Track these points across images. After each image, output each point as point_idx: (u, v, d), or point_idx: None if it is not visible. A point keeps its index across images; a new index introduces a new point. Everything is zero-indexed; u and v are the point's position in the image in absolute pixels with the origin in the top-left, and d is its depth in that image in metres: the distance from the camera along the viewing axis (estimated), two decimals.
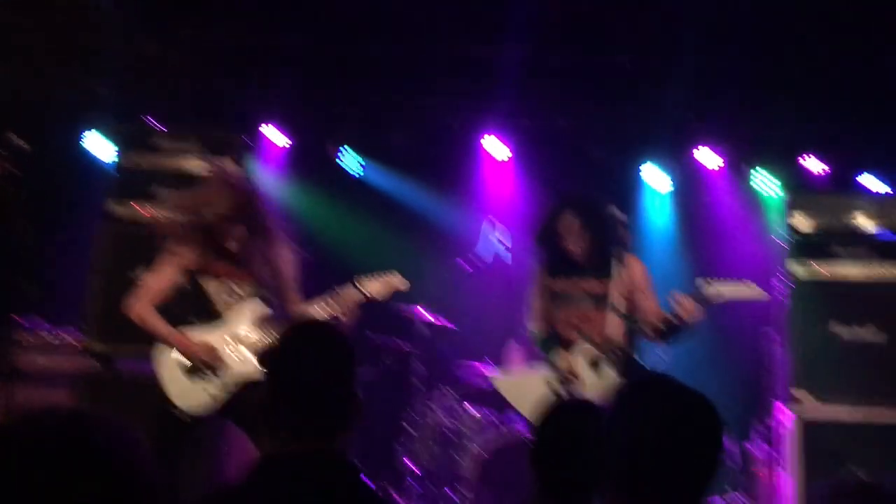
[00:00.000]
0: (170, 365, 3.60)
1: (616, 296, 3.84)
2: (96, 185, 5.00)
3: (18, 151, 3.36)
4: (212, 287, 3.64)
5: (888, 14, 5.29)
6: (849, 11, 5.31)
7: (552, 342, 4.07)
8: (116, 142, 5.02)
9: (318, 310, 3.68)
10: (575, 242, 3.99)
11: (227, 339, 3.60)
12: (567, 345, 4.02)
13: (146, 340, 4.58)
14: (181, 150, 4.92)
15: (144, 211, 4.85)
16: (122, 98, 6.32)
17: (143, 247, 4.69)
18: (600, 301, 3.99)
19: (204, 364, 3.54)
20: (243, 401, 3.46)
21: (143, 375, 4.76)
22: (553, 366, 3.94)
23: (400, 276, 3.84)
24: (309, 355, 1.68)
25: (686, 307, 3.66)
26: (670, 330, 3.80)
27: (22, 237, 3.21)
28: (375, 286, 3.75)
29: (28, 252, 3.33)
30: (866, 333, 5.00)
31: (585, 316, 4.01)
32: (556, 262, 4.13)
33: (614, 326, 3.91)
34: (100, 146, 6.23)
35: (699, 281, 3.81)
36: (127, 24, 5.93)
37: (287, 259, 3.77)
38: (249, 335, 3.64)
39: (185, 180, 4.73)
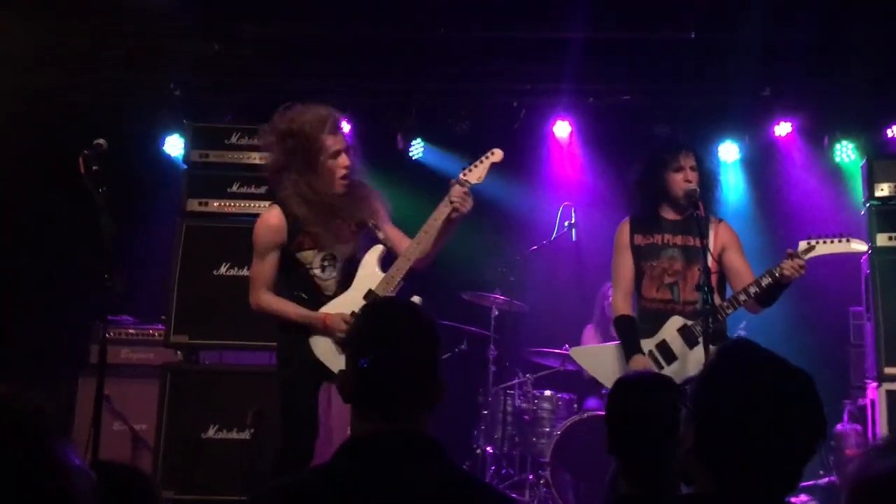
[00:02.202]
0: (320, 345, 3.45)
1: (709, 256, 3.59)
2: (176, 185, 5.13)
3: (101, 152, 3.45)
4: (317, 261, 3.51)
5: None
6: None
7: (632, 337, 3.83)
8: (190, 141, 5.14)
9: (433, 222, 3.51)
10: (691, 182, 3.81)
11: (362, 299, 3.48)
12: (653, 309, 3.84)
13: (228, 333, 4.76)
14: (253, 146, 5.01)
15: (221, 207, 4.96)
16: (194, 97, 6.49)
17: (220, 241, 4.86)
18: (692, 255, 3.80)
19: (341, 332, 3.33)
20: None
21: (224, 365, 4.93)
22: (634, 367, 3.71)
23: (497, 150, 3.68)
24: (394, 335, 1.67)
25: (790, 264, 3.54)
26: (769, 289, 3.65)
27: (107, 236, 3.28)
28: (477, 173, 3.65)
29: (113, 250, 3.41)
30: None
31: (675, 269, 3.83)
32: (644, 215, 3.95)
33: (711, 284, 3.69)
34: (178, 147, 6.40)
35: (800, 243, 3.68)
36: (192, 26, 6.07)
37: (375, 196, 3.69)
38: (382, 284, 3.48)
39: (259, 174, 4.82)
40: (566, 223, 5.75)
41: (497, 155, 3.62)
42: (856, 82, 6.23)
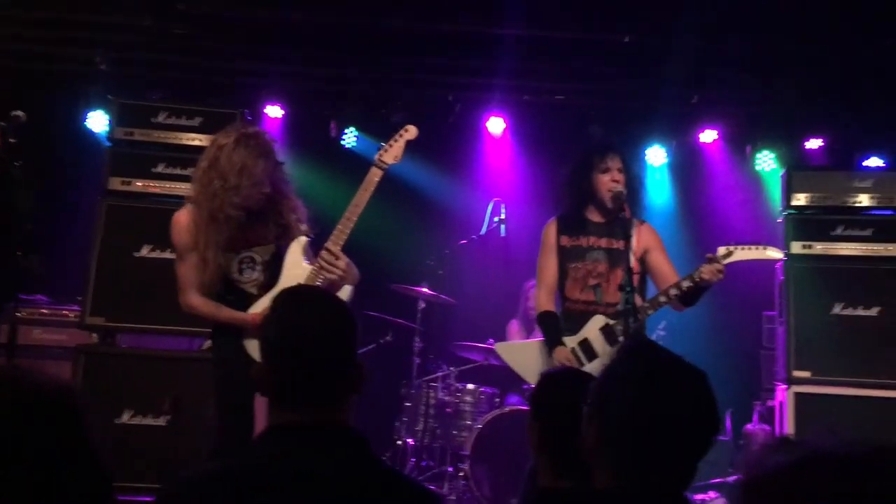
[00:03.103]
0: (253, 345, 3.34)
1: (632, 257, 3.64)
2: (98, 162, 4.97)
3: (19, 124, 3.31)
4: (234, 265, 3.42)
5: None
6: None
7: (556, 324, 3.92)
8: (115, 118, 4.98)
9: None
10: (619, 183, 3.86)
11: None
12: (576, 310, 3.90)
13: (147, 317, 4.65)
14: (181, 126, 4.90)
15: (144, 187, 4.83)
16: (120, 74, 6.30)
17: (143, 222, 4.73)
18: (616, 257, 3.87)
19: None
20: None
21: (142, 349, 4.81)
22: (556, 359, 3.79)
23: (411, 127, 3.60)
24: (308, 322, 1.64)
25: (708, 268, 3.64)
26: (689, 292, 3.75)
27: (24, 212, 3.15)
28: (393, 153, 3.60)
29: (30, 227, 3.28)
30: (862, 311, 5.02)
31: (598, 272, 3.90)
32: (571, 216, 4.00)
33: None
34: (102, 123, 6.21)
35: (719, 248, 3.79)
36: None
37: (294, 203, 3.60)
38: (311, 277, 3.41)
39: (186, 155, 4.72)
40: (496, 219, 5.80)
41: (411, 132, 3.61)
42: (779, 95, 6.45)
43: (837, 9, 5.47)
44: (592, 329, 3.85)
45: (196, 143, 4.82)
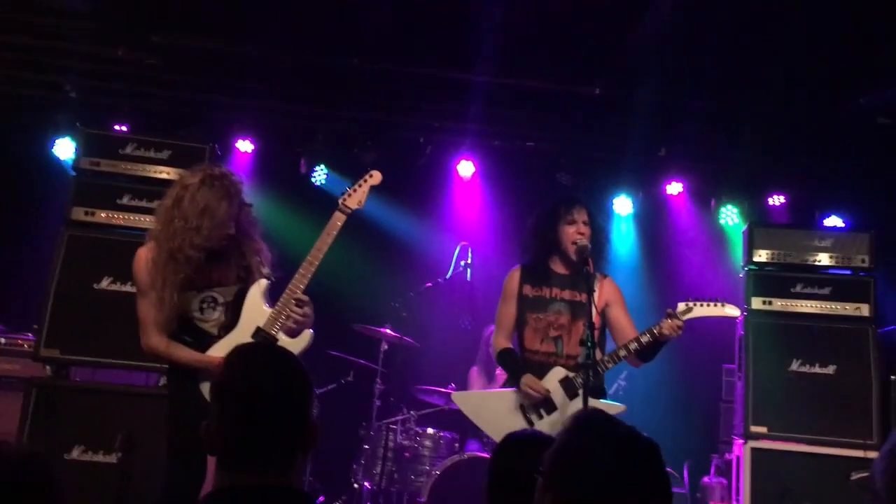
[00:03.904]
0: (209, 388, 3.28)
1: (594, 311, 3.67)
2: (63, 191, 4.90)
3: None
4: (195, 304, 3.39)
5: (850, 58, 5.43)
6: (813, 54, 5.43)
7: (518, 361, 3.94)
8: (82, 147, 4.93)
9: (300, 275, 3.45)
10: (584, 237, 3.90)
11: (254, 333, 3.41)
12: (536, 362, 3.90)
13: (103, 350, 4.56)
14: (149, 158, 4.86)
15: (108, 218, 4.77)
16: (90, 102, 6.27)
17: (105, 254, 4.66)
18: (578, 310, 3.90)
19: None
20: None
21: (96, 384, 4.71)
22: (526, 389, 3.80)
23: (375, 172, 3.61)
24: (259, 383, 1.62)
25: (668, 324, 3.67)
26: (648, 346, 3.77)
27: None
28: (357, 198, 3.58)
29: None
30: (819, 368, 5.09)
31: (560, 324, 3.92)
32: (535, 266, 4.02)
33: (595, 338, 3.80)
34: (69, 151, 6.16)
35: (679, 304, 3.83)
36: (98, 29, 5.88)
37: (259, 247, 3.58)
38: (270, 321, 3.40)
39: (153, 188, 4.68)
40: (462, 262, 5.81)
41: (376, 177, 3.63)
42: (743, 151, 6.60)
43: (802, 69, 5.62)
44: (552, 381, 3.85)
45: (163, 175, 4.78)
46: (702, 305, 3.81)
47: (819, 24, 5.12)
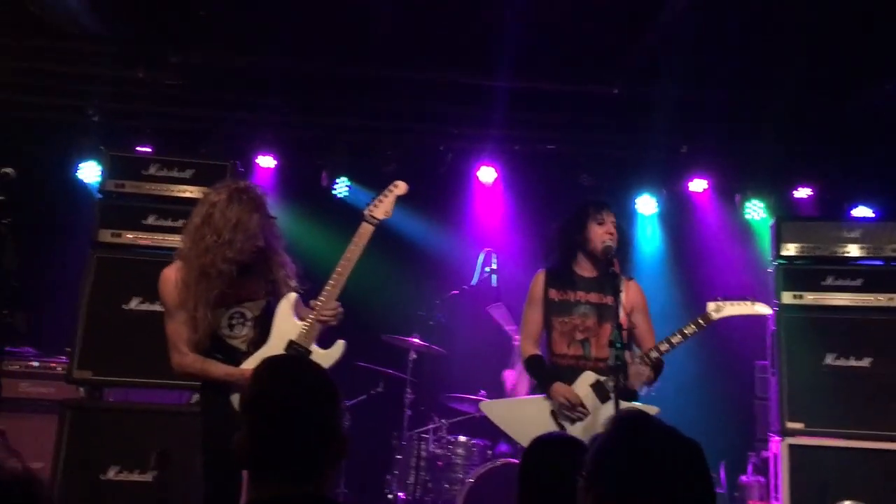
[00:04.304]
0: None
1: (621, 312, 3.63)
2: (89, 214, 4.96)
3: (8, 181, 3.30)
4: (224, 320, 3.39)
5: (872, 49, 5.36)
6: (835, 45, 5.37)
7: (547, 367, 3.92)
8: (107, 169, 4.99)
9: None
10: (612, 237, 3.89)
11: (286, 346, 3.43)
12: (564, 366, 3.88)
13: (135, 371, 4.60)
14: (172, 178, 4.91)
15: (134, 239, 4.82)
16: (112, 125, 6.34)
17: (132, 274, 4.70)
18: (604, 313, 3.88)
19: None
20: None
21: (129, 404, 4.75)
22: (560, 399, 3.78)
23: (400, 183, 3.63)
24: (289, 394, 1.63)
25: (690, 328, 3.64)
26: (659, 363, 3.75)
27: (10, 270, 3.12)
28: (383, 208, 3.60)
29: (16, 280, 3.25)
30: (854, 361, 5.01)
31: (586, 326, 3.90)
32: (560, 270, 4.01)
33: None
34: (94, 174, 6.23)
35: (709, 304, 3.80)
36: (118, 51, 5.95)
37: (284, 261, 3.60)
38: (303, 334, 3.42)
39: (177, 207, 4.72)
40: (487, 269, 5.79)
41: (401, 188, 3.62)
42: (766, 145, 6.52)
43: (821, 59, 5.55)
44: (582, 385, 3.82)
45: (187, 195, 4.82)
46: (732, 304, 3.77)
47: (838, 13, 5.06)
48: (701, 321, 3.73)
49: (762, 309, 3.83)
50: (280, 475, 1.57)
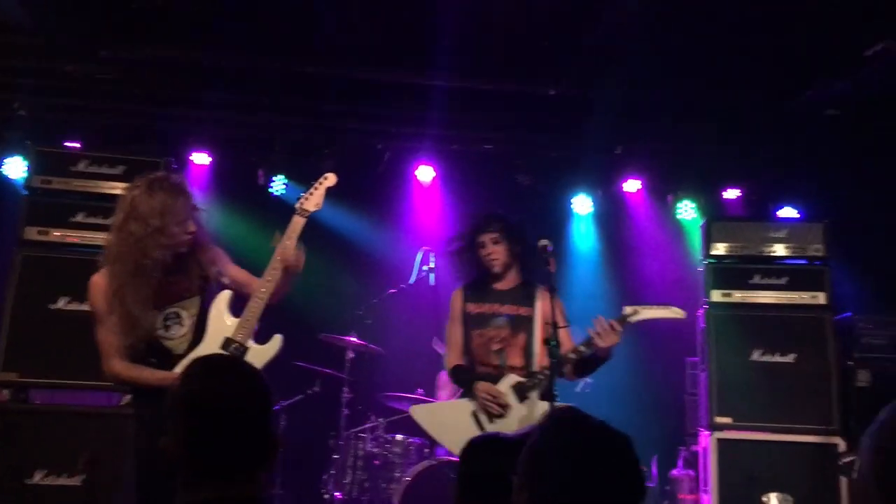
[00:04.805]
0: None
1: (539, 322, 3.85)
2: (15, 211, 4.80)
3: None
4: (159, 321, 3.31)
5: (803, 53, 5.54)
6: (765, 50, 5.53)
7: (470, 373, 4.02)
8: (33, 165, 4.84)
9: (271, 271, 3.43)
10: (498, 253, 3.99)
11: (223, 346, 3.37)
12: (484, 371, 3.98)
13: (63, 372, 4.47)
14: (103, 174, 4.79)
15: (62, 237, 4.69)
16: (40, 119, 6.15)
17: (60, 273, 4.58)
18: (519, 324, 3.99)
19: None
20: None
21: (56, 406, 4.62)
22: (482, 395, 3.88)
23: (330, 175, 3.64)
24: (220, 395, 1.60)
25: (603, 329, 3.70)
26: (585, 361, 3.83)
27: None
28: (314, 200, 3.60)
29: None
30: (779, 357, 5.18)
31: (502, 337, 3.99)
32: (475, 284, 4.11)
33: (538, 351, 3.92)
34: (20, 170, 6.03)
35: (625, 307, 3.89)
36: (45, 44, 5.77)
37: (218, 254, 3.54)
38: (238, 330, 3.37)
39: (107, 205, 4.61)
40: (425, 267, 5.80)
41: (330, 179, 3.66)
42: (697, 147, 6.69)
43: (754, 64, 5.71)
44: (504, 385, 3.92)
45: (118, 192, 4.64)
46: (648, 308, 3.88)
47: (771, 20, 5.22)
48: (618, 323, 3.80)
49: (676, 313, 3.93)
50: (211, 477, 1.55)
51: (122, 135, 6.25)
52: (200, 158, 6.60)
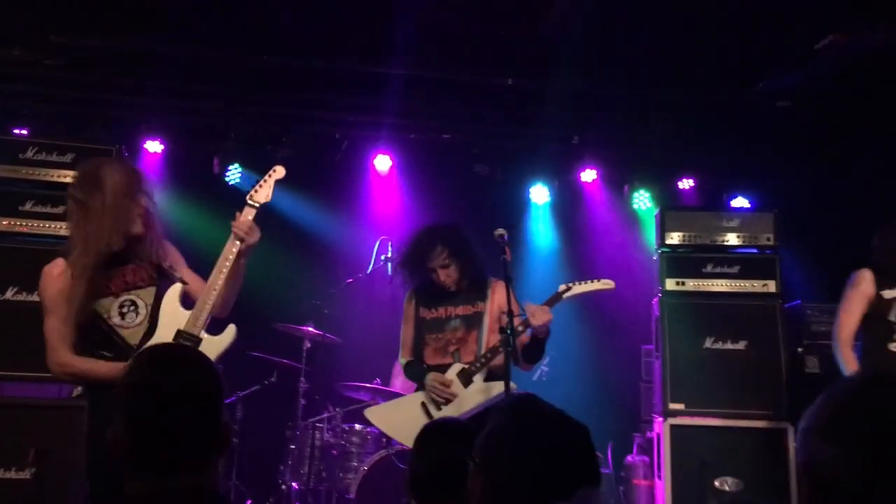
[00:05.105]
0: None
1: (489, 315, 3.91)
2: None
3: None
4: (114, 309, 3.26)
5: (753, 44, 5.63)
6: (719, 41, 5.61)
7: (422, 367, 4.06)
8: None
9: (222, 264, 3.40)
10: (449, 276, 4.01)
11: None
12: (437, 368, 4.01)
13: (9, 363, 4.37)
14: (52, 162, 4.68)
15: (10, 226, 4.58)
16: None
17: (8, 263, 4.47)
18: (472, 321, 4.03)
19: None
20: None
21: (4, 398, 4.52)
22: (427, 387, 3.93)
23: (279, 167, 3.61)
24: (168, 382, 1.58)
25: (532, 311, 3.75)
26: (528, 345, 3.87)
27: None
28: (264, 192, 3.59)
29: None
30: (731, 344, 5.28)
31: (457, 338, 4.03)
32: (428, 288, 4.11)
33: (486, 341, 3.96)
34: None
35: (560, 286, 3.97)
36: None
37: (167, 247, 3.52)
38: (191, 321, 3.33)
39: (57, 193, 4.51)
40: (383, 257, 5.79)
41: (279, 172, 3.64)
42: (653, 137, 6.77)
43: (708, 55, 5.79)
44: (450, 374, 3.97)
45: (67, 180, 4.59)
46: (580, 284, 3.98)
47: (724, 14, 5.29)
48: (552, 300, 3.88)
49: (606, 285, 4.03)
50: (157, 468, 1.53)
51: (72, 122, 6.12)
52: (153, 146, 6.49)
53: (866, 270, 4.46)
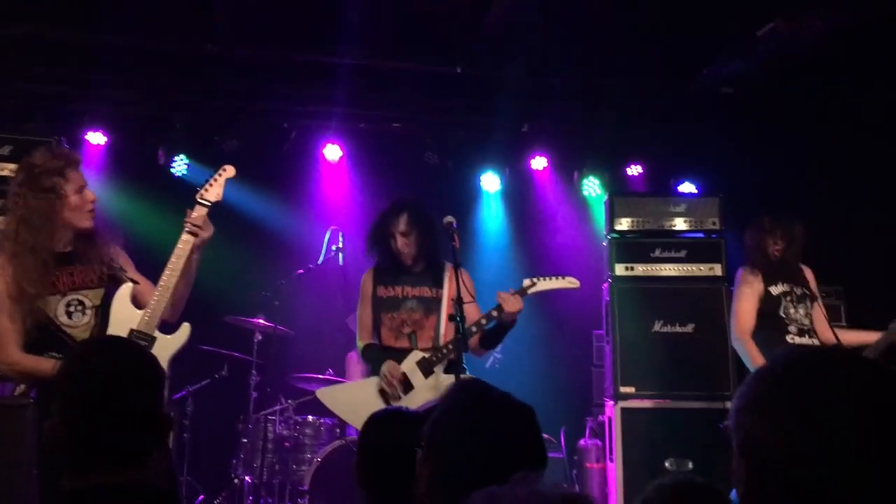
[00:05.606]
0: None
1: (447, 301, 3.94)
2: None
3: None
4: (61, 308, 3.20)
5: (699, 33, 5.70)
6: (665, 27, 5.67)
7: (380, 351, 4.07)
8: None
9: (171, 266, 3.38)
10: (407, 245, 4.02)
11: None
12: (395, 352, 4.02)
13: None
14: None
15: None
16: None
17: None
18: (430, 306, 4.05)
19: None
20: None
21: None
22: (384, 375, 3.93)
23: (228, 166, 3.62)
24: (106, 373, 1.55)
25: (506, 298, 3.79)
26: (489, 332, 3.90)
27: None
28: (214, 191, 3.55)
29: None
30: (679, 328, 5.38)
31: (413, 320, 4.05)
32: (386, 267, 4.14)
33: (444, 330, 3.98)
34: None
35: (524, 280, 4.01)
36: None
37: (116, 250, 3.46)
38: (144, 320, 3.29)
39: None
40: (333, 247, 5.75)
41: (229, 171, 3.63)
42: (601, 124, 6.82)
43: (652, 44, 5.85)
44: (409, 363, 3.98)
45: (5, 173, 4.50)
46: (545, 280, 4.00)
47: (667, 1, 5.35)
48: (518, 294, 3.92)
49: (571, 283, 4.07)
50: (96, 463, 1.50)
51: (9, 114, 5.94)
52: (96, 138, 6.33)
53: (750, 267, 4.60)
